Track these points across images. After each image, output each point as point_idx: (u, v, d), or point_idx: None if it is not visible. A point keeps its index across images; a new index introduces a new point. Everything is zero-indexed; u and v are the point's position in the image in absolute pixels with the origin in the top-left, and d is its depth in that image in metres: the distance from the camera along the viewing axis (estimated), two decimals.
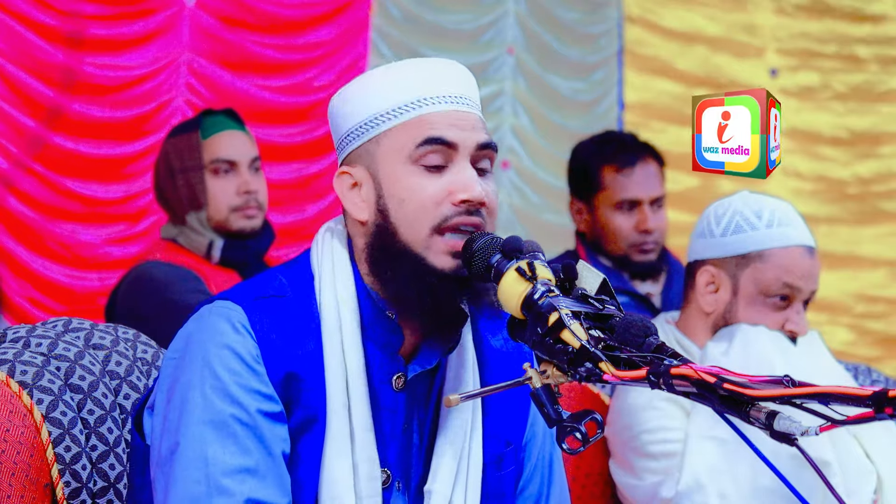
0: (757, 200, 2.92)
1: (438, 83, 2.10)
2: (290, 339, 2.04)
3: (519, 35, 6.13)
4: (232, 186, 3.74)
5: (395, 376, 2.09)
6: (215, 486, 1.95)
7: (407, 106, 2.07)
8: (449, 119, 2.07)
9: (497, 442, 2.17)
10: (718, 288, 2.91)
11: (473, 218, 2.03)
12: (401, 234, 2.03)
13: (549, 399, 1.85)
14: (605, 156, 4.04)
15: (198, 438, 1.97)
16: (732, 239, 2.89)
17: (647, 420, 2.83)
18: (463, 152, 2.06)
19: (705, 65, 6.68)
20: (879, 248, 7.09)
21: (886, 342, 7.00)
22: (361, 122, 2.09)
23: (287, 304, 2.06)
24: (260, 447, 1.98)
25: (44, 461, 2.16)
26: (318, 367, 2.04)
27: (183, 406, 1.99)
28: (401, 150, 2.05)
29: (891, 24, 7.21)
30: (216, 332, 2.01)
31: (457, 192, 2.03)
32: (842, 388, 1.60)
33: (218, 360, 1.99)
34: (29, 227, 4.82)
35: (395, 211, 2.04)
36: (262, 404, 2.00)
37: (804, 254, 2.89)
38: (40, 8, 4.79)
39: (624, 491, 2.89)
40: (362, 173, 2.08)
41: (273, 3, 5.40)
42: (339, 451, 2.03)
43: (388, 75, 2.11)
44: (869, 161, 7.10)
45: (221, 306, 2.04)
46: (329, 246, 2.11)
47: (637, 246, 4.00)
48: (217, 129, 3.79)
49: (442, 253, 2.02)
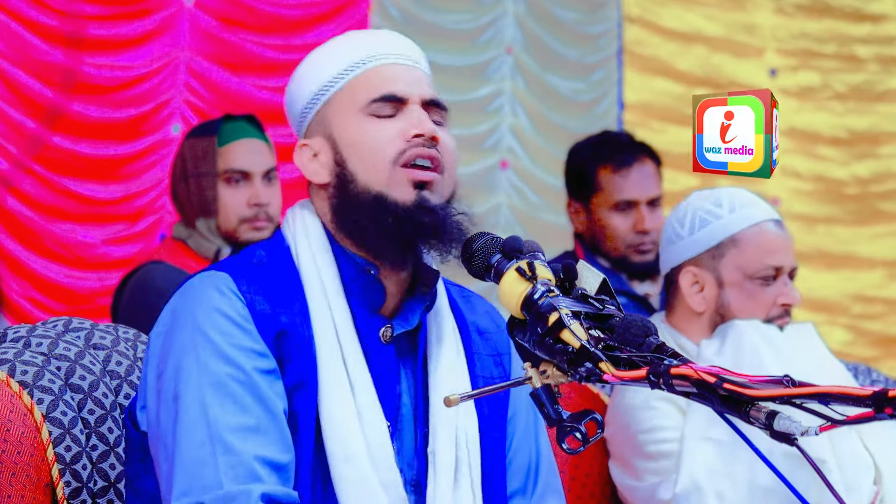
0: (711, 192, 2.95)
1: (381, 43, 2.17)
2: (277, 300, 2.07)
3: (518, 35, 6.13)
4: (243, 197, 3.72)
5: (382, 329, 2.12)
6: (220, 446, 1.97)
7: (353, 66, 2.14)
8: (398, 73, 2.14)
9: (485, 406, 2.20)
10: (703, 286, 2.92)
11: (429, 150, 2.09)
12: (360, 178, 2.09)
13: (549, 399, 1.85)
14: (601, 157, 4.04)
15: (197, 402, 1.99)
16: (701, 234, 2.91)
17: (644, 420, 2.83)
18: (413, 103, 2.12)
19: (705, 65, 6.68)
20: (877, 249, 7.09)
21: (884, 342, 7.01)
22: (312, 95, 2.16)
23: (269, 269, 2.10)
24: (259, 405, 2.00)
25: (44, 461, 2.16)
26: (306, 326, 2.07)
27: (178, 374, 2.01)
28: (352, 105, 2.12)
29: (890, 24, 7.22)
30: (204, 298, 2.04)
31: (409, 129, 2.10)
32: (842, 388, 1.60)
33: (209, 324, 2.02)
34: (28, 227, 4.82)
35: (352, 157, 2.11)
36: (256, 362, 2.02)
37: (774, 227, 2.91)
38: (39, 8, 4.79)
39: (623, 491, 2.89)
40: (319, 141, 2.15)
41: (272, 3, 5.40)
42: (340, 401, 2.05)
43: (331, 45, 2.19)
44: (868, 161, 7.11)
45: (205, 275, 2.09)
46: (300, 216, 2.17)
47: (634, 246, 3.99)
48: (234, 136, 3.77)
49: (403, 185, 2.08)
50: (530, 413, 2.28)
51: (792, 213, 6.74)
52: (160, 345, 2.07)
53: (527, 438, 2.27)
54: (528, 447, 2.27)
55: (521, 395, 2.26)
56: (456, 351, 2.18)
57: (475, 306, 2.29)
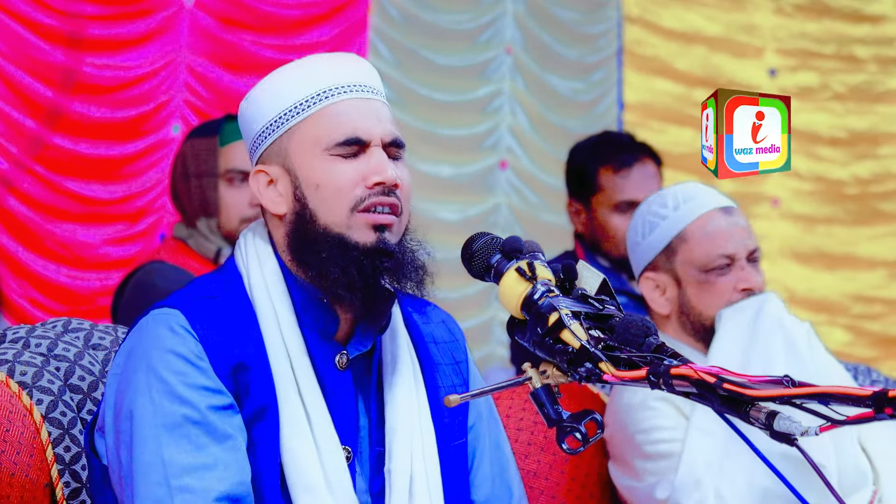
0: (660, 194, 2.96)
1: (340, 73, 2.17)
2: (231, 334, 2.08)
3: (517, 35, 6.13)
4: (245, 197, 3.72)
5: (337, 356, 2.13)
6: (176, 486, 1.98)
7: (312, 98, 2.15)
8: (358, 110, 2.14)
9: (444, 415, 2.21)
10: (664, 289, 2.92)
11: (389, 198, 2.11)
12: (320, 219, 2.11)
13: (549, 399, 1.86)
14: (601, 157, 4.04)
15: (153, 442, 2.00)
16: (652, 238, 2.92)
17: (642, 420, 2.83)
18: (374, 145, 2.14)
19: (705, 65, 6.68)
20: (877, 249, 7.09)
21: (883, 343, 7.01)
22: (270, 121, 2.16)
23: (221, 303, 2.11)
24: (215, 442, 2.01)
25: (44, 461, 2.16)
26: (262, 357, 2.08)
27: (132, 415, 2.02)
28: (315, 143, 2.13)
29: (889, 25, 7.22)
30: (156, 339, 2.05)
31: (370, 175, 2.11)
32: (842, 389, 1.60)
33: (162, 364, 2.03)
34: (28, 227, 4.81)
35: (313, 197, 2.11)
36: (211, 399, 2.03)
37: (719, 215, 2.91)
38: (39, 8, 4.79)
39: (622, 491, 2.89)
40: (277, 170, 2.15)
41: (271, 4, 5.40)
42: (298, 433, 2.06)
43: (290, 72, 2.19)
44: (867, 162, 7.11)
45: (158, 314, 2.08)
46: (252, 245, 2.18)
47: None
48: (236, 136, 3.76)
49: (363, 228, 2.10)
50: (491, 421, 2.31)
51: (792, 214, 6.74)
52: (116, 385, 2.07)
53: (491, 446, 2.30)
54: (494, 454, 2.30)
55: (481, 403, 2.30)
56: (411, 368, 2.19)
57: (430, 317, 2.31)
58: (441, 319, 2.33)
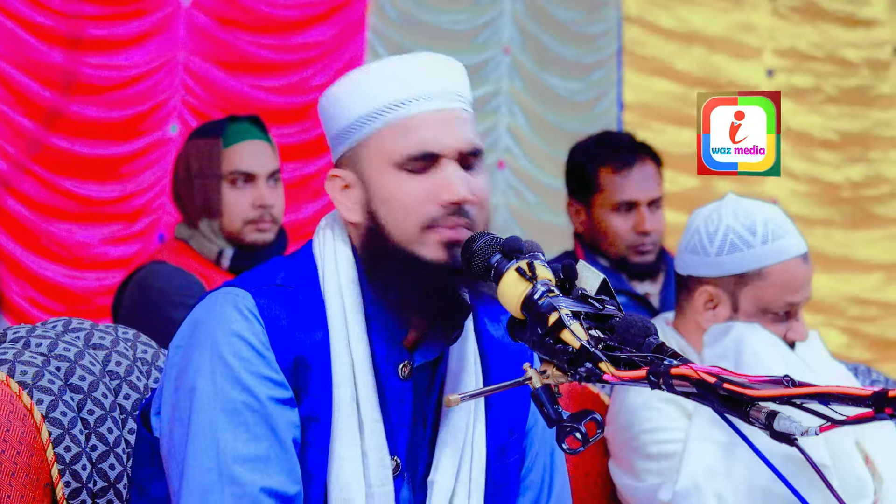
0: (747, 212, 2.88)
1: (421, 80, 2.10)
2: (298, 327, 2.05)
3: (515, 35, 6.13)
4: (248, 199, 3.72)
5: (401, 365, 2.10)
6: (227, 475, 1.96)
7: (389, 107, 2.08)
8: (433, 122, 2.07)
9: (500, 432, 2.18)
10: (717, 305, 2.90)
11: (459, 219, 2.05)
12: (391, 235, 2.05)
13: (549, 399, 1.85)
14: (602, 157, 4.03)
15: (209, 426, 1.98)
16: (728, 258, 2.87)
17: (645, 420, 2.83)
18: (448, 157, 2.07)
19: (703, 65, 6.68)
20: (874, 252, 7.10)
21: (880, 345, 7.02)
22: (348, 125, 2.10)
23: (293, 293, 2.07)
24: (271, 435, 1.99)
25: (44, 461, 2.16)
26: (325, 356, 2.05)
27: (192, 394, 2.00)
28: (386, 156, 2.07)
29: (882, 29, 7.23)
30: (224, 319, 2.02)
31: (441, 192, 2.05)
32: (842, 388, 1.60)
33: (227, 348, 2.00)
34: (26, 226, 4.81)
35: (383, 213, 2.06)
36: (272, 391, 2.00)
37: (801, 264, 2.88)
38: (36, 9, 4.79)
39: (623, 492, 2.89)
40: (351, 176, 2.10)
41: (269, 3, 5.40)
42: (348, 441, 2.03)
43: (371, 74, 2.12)
44: (859, 165, 7.12)
45: (229, 293, 2.05)
46: (331, 240, 2.13)
47: (635, 247, 3.99)
48: (239, 138, 3.76)
49: (434, 245, 2.04)
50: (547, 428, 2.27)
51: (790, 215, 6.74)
52: (179, 358, 2.05)
53: (543, 451, 2.26)
54: (544, 460, 2.26)
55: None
56: (473, 382, 2.15)
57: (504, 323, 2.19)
58: None
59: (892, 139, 7.22)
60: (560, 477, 2.28)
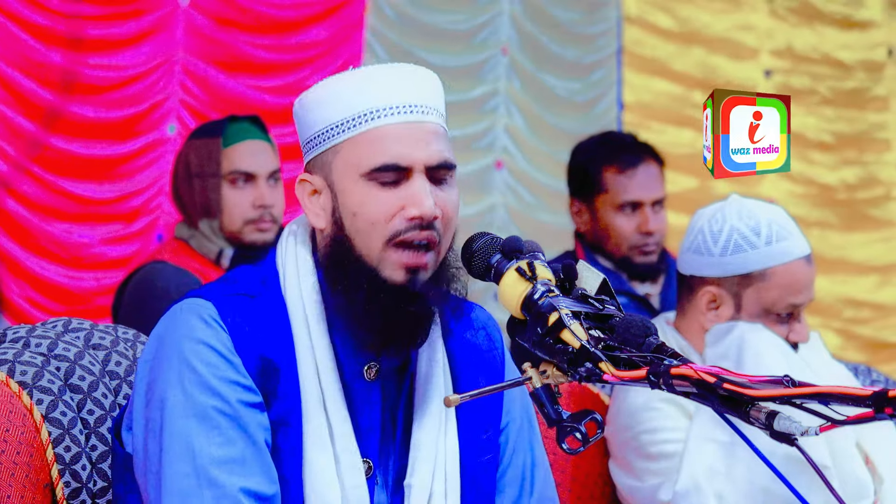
0: (751, 213, 2.88)
1: (395, 92, 2.09)
2: (262, 333, 2.06)
3: (513, 35, 6.13)
4: (248, 199, 3.72)
5: (367, 367, 2.11)
6: (205, 478, 1.98)
7: (360, 117, 2.08)
8: (402, 135, 2.06)
9: (473, 430, 2.19)
10: (720, 305, 2.90)
11: (426, 233, 2.05)
12: (355, 247, 2.06)
13: (549, 399, 1.86)
14: (606, 157, 4.02)
15: (183, 433, 1.99)
16: (732, 259, 2.87)
17: (646, 421, 2.83)
18: (417, 170, 2.07)
19: (702, 66, 6.68)
20: (868, 254, 7.11)
21: (873, 347, 7.02)
22: (319, 132, 2.11)
23: (255, 302, 2.09)
24: (244, 437, 2.00)
25: (44, 461, 2.16)
26: (291, 361, 2.06)
27: (163, 405, 2.01)
28: (355, 166, 2.07)
29: (877, 31, 7.24)
30: (189, 328, 2.04)
31: (409, 207, 2.05)
32: (842, 388, 1.60)
33: (194, 355, 2.02)
34: (24, 227, 4.81)
35: (349, 224, 2.07)
36: (241, 395, 2.02)
37: (804, 265, 2.88)
38: (35, 9, 4.79)
39: (623, 492, 2.89)
40: (320, 182, 2.11)
41: (267, 4, 5.40)
42: (319, 445, 2.05)
43: (343, 83, 2.12)
44: (854, 167, 7.13)
45: (191, 303, 2.07)
46: (293, 246, 2.14)
47: (638, 247, 3.99)
48: (239, 138, 3.76)
49: (395, 266, 2.05)
50: (524, 420, 2.27)
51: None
52: (147, 372, 2.07)
53: (521, 446, 2.26)
54: (523, 455, 2.26)
55: (515, 404, 2.25)
56: (442, 384, 2.16)
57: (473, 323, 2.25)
58: (482, 325, 2.27)
59: (886, 141, 7.23)
60: (542, 473, 2.27)
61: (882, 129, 7.21)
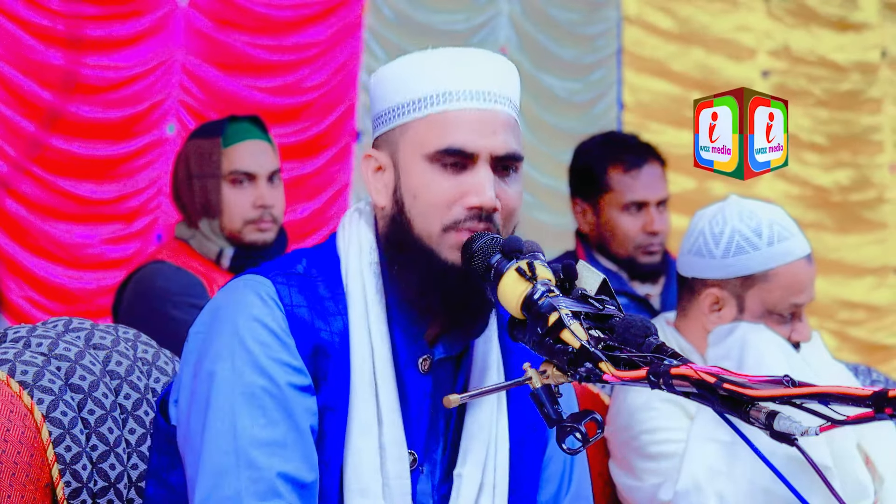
0: (751, 214, 2.87)
1: (467, 77, 2.07)
2: (318, 315, 2.05)
3: (512, 35, 6.13)
4: (248, 199, 3.72)
5: (421, 359, 2.10)
6: (244, 458, 1.96)
7: (431, 98, 2.06)
8: (471, 121, 2.05)
9: (521, 425, 2.18)
10: (722, 307, 2.89)
11: (483, 224, 2.03)
12: (414, 228, 2.05)
13: (549, 399, 1.86)
14: (610, 157, 4.02)
15: (227, 410, 1.98)
16: (734, 260, 2.86)
17: (645, 420, 2.83)
18: (482, 158, 2.05)
19: (701, 66, 6.69)
20: (862, 256, 7.12)
21: (867, 349, 7.03)
22: (389, 108, 2.10)
23: (314, 282, 2.07)
24: (288, 420, 1.99)
25: (44, 461, 2.16)
26: (344, 347, 2.05)
27: (211, 379, 2.00)
28: (420, 146, 2.06)
29: (872, 33, 7.24)
30: (245, 305, 2.02)
31: (469, 195, 2.03)
32: (842, 388, 1.60)
33: (248, 332, 2.00)
34: (24, 227, 4.82)
35: (410, 204, 2.06)
36: (291, 377, 2.00)
37: (805, 265, 2.88)
38: (35, 9, 4.79)
39: (623, 492, 2.89)
40: (386, 159, 2.10)
41: (266, 4, 5.40)
42: (365, 432, 2.03)
43: (419, 63, 2.10)
44: (848, 169, 7.13)
45: (250, 279, 2.06)
46: (356, 228, 2.13)
47: (643, 247, 3.98)
48: (240, 138, 3.76)
49: (453, 248, 2.03)
50: None
51: None
52: (199, 344, 2.06)
53: None
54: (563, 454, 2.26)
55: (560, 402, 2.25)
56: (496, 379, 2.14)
57: None
58: None
59: (879, 143, 7.24)
60: (580, 469, 2.27)
61: (875, 132, 7.22)
